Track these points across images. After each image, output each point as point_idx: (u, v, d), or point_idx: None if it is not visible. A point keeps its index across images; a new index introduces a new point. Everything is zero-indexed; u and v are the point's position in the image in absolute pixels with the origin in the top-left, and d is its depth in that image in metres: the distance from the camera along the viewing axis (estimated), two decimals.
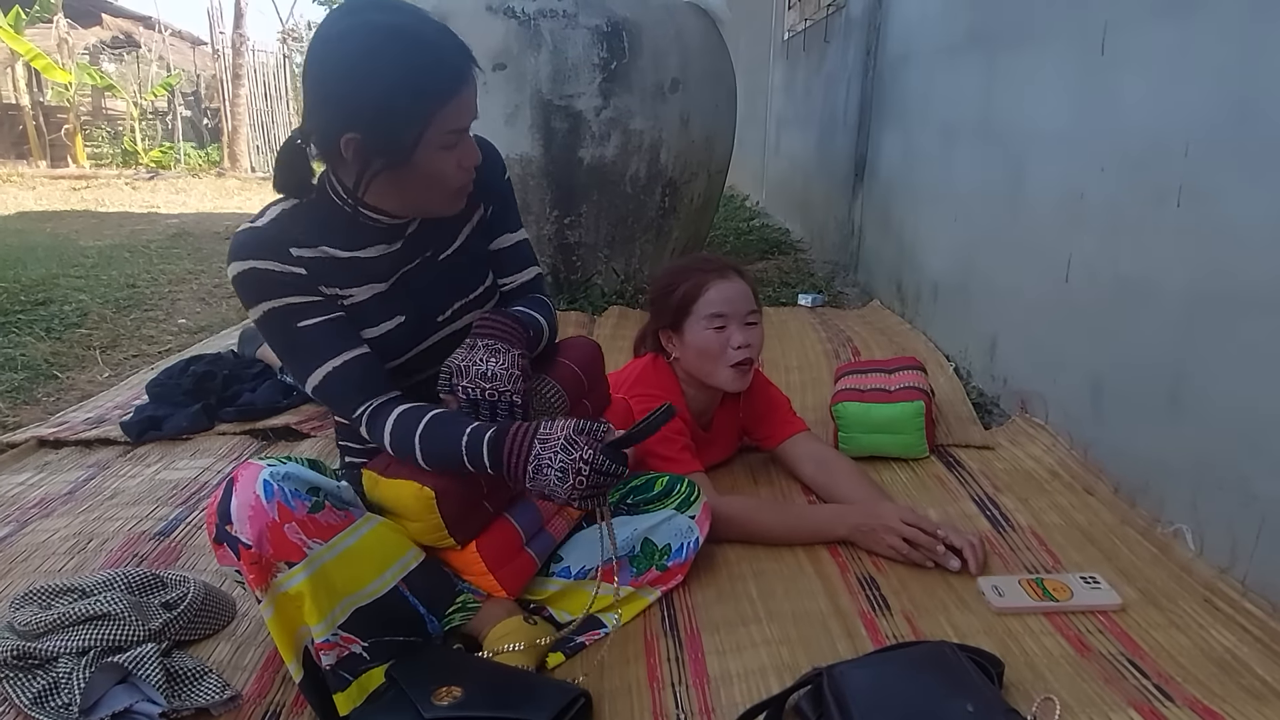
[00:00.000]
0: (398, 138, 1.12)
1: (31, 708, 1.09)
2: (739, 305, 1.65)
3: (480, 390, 1.17)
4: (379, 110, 1.10)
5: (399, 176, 1.16)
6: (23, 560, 1.51)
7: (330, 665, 1.06)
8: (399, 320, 1.25)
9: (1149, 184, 1.63)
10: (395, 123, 1.11)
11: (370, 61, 1.11)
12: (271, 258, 1.15)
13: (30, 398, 2.45)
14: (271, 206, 1.21)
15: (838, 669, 1.08)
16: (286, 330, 1.17)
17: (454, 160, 1.18)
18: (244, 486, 1.04)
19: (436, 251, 1.31)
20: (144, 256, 4.72)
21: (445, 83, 1.13)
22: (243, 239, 1.16)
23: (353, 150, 1.13)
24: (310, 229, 1.20)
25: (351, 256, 1.22)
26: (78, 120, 12.20)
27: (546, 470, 1.09)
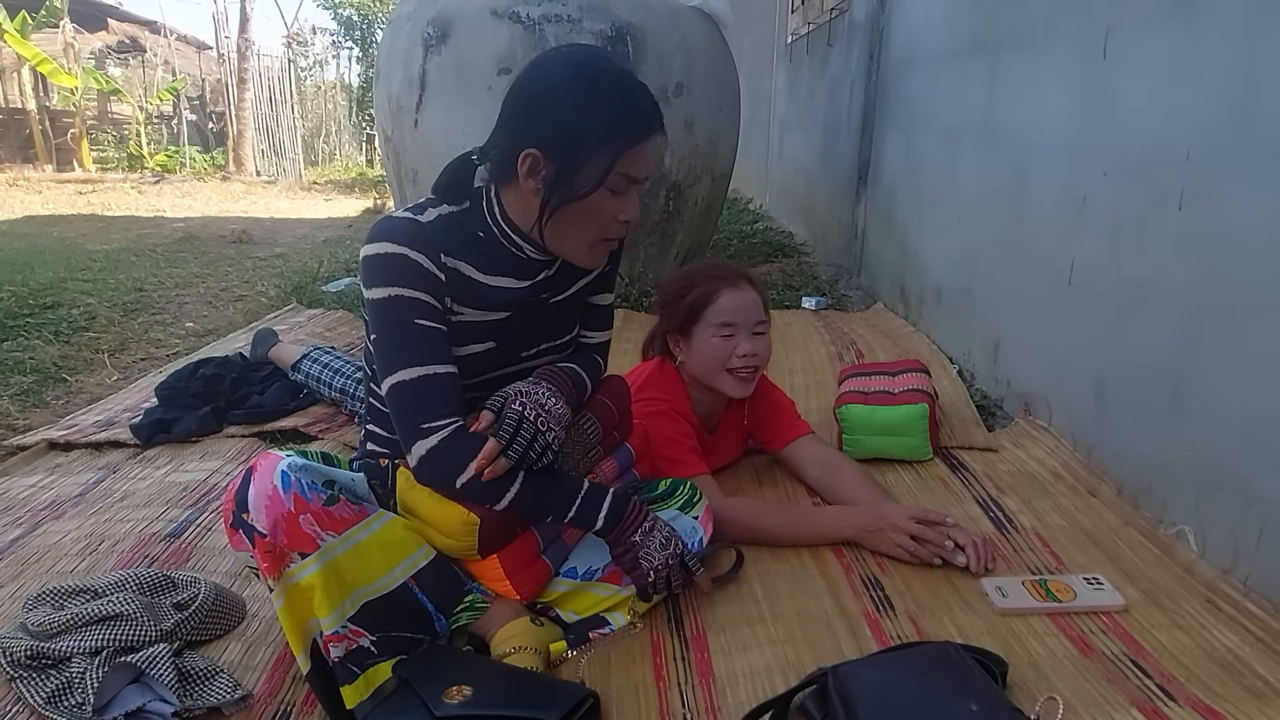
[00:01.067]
0: (579, 166, 1.17)
1: (45, 707, 1.10)
2: (748, 315, 1.66)
3: (535, 415, 1.19)
4: (570, 134, 1.17)
5: (565, 209, 1.21)
6: (35, 561, 1.52)
7: (338, 658, 1.07)
8: (489, 346, 1.30)
9: (1151, 188, 1.64)
10: (580, 151, 1.17)
11: (577, 89, 1.18)
12: (424, 252, 1.19)
13: (40, 400, 2.46)
14: (433, 207, 1.26)
15: (843, 668, 1.09)
16: (402, 321, 1.19)
17: (616, 208, 1.23)
18: (262, 476, 1.06)
19: (552, 295, 1.37)
20: (151, 260, 4.74)
21: (640, 127, 1.19)
22: (401, 225, 1.20)
23: (527, 167, 1.18)
24: (460, 243, 1.25)
25: (482, 282, 1.27)
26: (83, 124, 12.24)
27: (656, 533, 1.27)
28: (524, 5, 3.05)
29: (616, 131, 1.17)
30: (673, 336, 1.73)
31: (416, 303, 1.19)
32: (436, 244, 1.21)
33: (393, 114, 3.38)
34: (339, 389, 2.16)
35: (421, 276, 1.19)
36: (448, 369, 1.21)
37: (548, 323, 1.38)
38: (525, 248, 1.29)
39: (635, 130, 1.19)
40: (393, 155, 3.53)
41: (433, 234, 1.21)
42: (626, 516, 1.25)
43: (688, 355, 1.70)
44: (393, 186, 3.80)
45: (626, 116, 1.18)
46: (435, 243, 1.21)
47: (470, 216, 1.28)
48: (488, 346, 1.30)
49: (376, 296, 1.19)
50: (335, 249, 5.28)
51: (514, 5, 3.05)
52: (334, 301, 3.63)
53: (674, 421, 1.64)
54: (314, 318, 3.35)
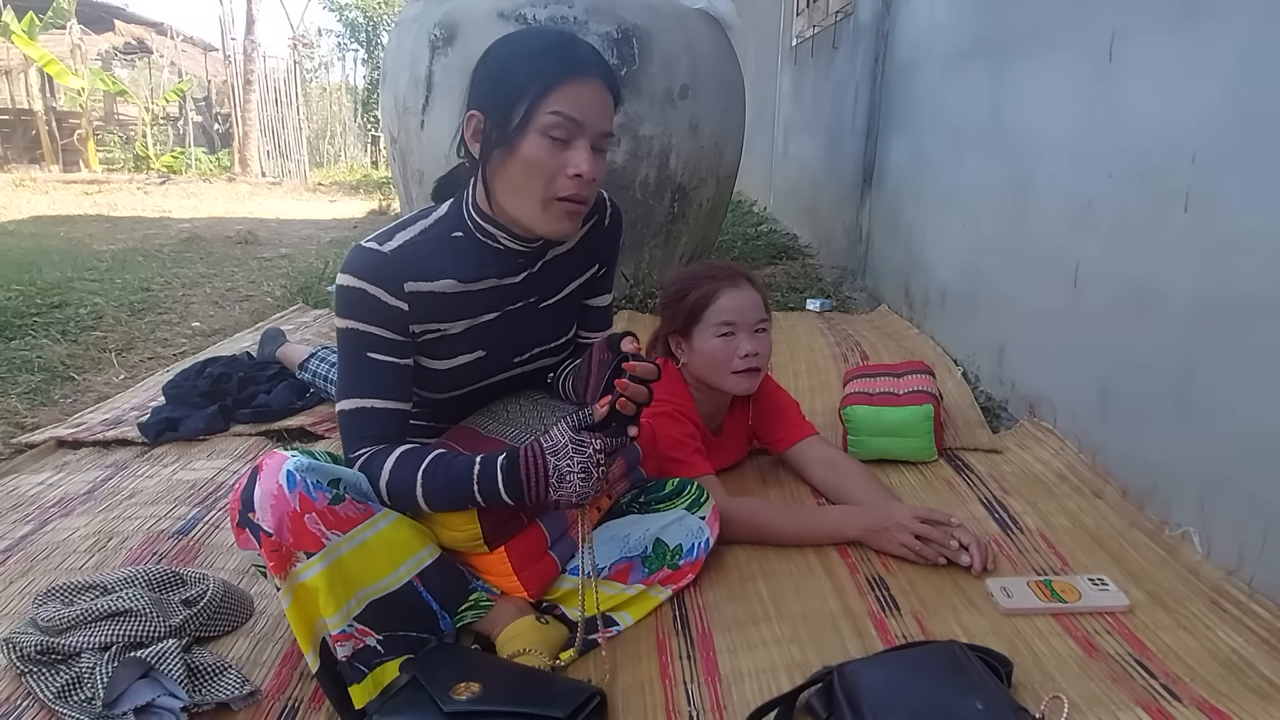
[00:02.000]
0: (508, 112, 1.17)
1: (55, 702, 1.11)
2: (749, 314, 1.67)
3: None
4: (495, 81, 1.18)
5: (505, 164, 1.19)
6: (44, 558, 1.53)
7: (346, 657, 1.07)
8: (479, 355, 1.30)
9: (1156, 190, 1.64)
10: (508, 96, 1.17)
11: (505, 46, 1.21)
12: (383, 286, 1.19)
13: (48, 399, 2.48)
14: (401, 230, 1.25)
15: (849, 667, 1.09)
16: (355, 351, 1.21)
17: (561, 160, 1.18)
18: (268, 475, 1.06)
19: (542, 298, 1.36)
20: (157, 260, 4.76)
21: (565, 63, 1.17)
22: (365, 258, 1.20)
23: (471, 129, 1.20)
24: (434, 259, 1.24)
25: (465, 290, 1.26)
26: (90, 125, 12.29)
27: (569, 476, 1.12)
28: (530, 7, 3.06)
29: (541, 69, 1.16)
30: (674, 338, 1.74)
31: (370, 337, 1.20)
32: (398, 273, 1.20)
33: (399, 115, 3.39)
34: None
35: (377, 310, 1.20)
36: (386, 404, 1.22)
37: (539, 328, 1.38)
38: (498, 235, 1.27)
39: (561, 66, 1.16)
40: (399, 157, 3.54)
41: (395, 264, 1.20)
42: (526, 481, 1.13)
43: (690, 357, 1.71)
44: (398, 188, 3.81)
45: (550, 52, 1.18)
46: (397, 272, 1.20)
47: (447, 220, 1.29)
48: (477, 356, 1.31)
49: (339, 326, 1.22)
50: (340, 250, 5.30)
51: (520, 7, 3.06)
52: None
53: (678, 423, 1.65)
54: (319, 318, 3.37)
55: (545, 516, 1.33)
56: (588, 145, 1.19)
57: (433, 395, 1.33)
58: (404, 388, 1.25)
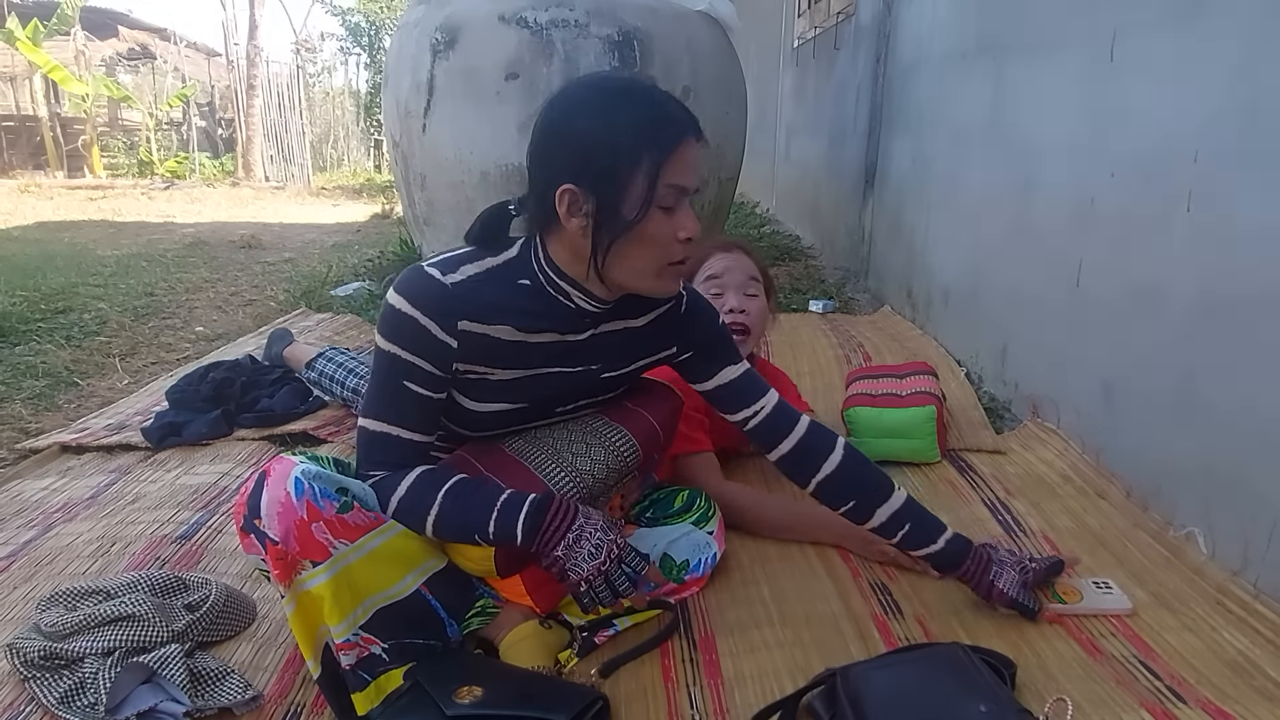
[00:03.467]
0: (621, 191, 1.10)
1: (59, 707, 1.11)
2: (735, 274, 1.71)
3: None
4: (603, 158, 1.09)
5: (622, 244, 1.13)
6: (48, 563, 1.54)
7: (350, 665, 1.07)
8: (521, 406, 1.26)
9: (1159, 189, 1.64)
10: (618, 173, 1.10)
11: (598, 111, 1.11)
12: (436, 320, 1.13)
13: (52, 404, 2.48)
14: (468, 263, 1.18)
15: (852, 669, 1.09)
16: (392, 376, 1.15)
17: (673, 227, 1.14)
18: (275, 482, 1.04)
19: (604, 368, 1.31)
20: (161, 265, 4.78)
21: (672, 131, 1.11)
22: (424, 285, 1.14)
23: (566, 205, 1.11)
24: (496, 302, 1.18)
25: (521, 340, 1.21)
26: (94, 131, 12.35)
27: (584, 542, 1.12)
28: (531, 11, 3.06)
29: (650, 141, 1.09)
30: None
31: (409, 366, 1.15)
32: (457, 309, 1.15)
33: (401, 119, 3.40)
34: (352, 388, 2.17)
35: (426, 344, 1.14)
36: (412, 435, 1.17)
37: (593, 389, 1.32)
38: (574, 295, 1.21)
39: (669, 135, 1.11)
40: (401, 160, 3.55)
41: (456, 298, 1.15)
42: (548, 526, 1.12)
43: None
44: (401, 191, 3.82)
45: (655, 123, 1.11)
46: (456, 308, 1.15)
47: (514, 266, 1.21)
48: (520, 406, 1.26)
49: (381, 345, 1.16)
50: (344, 253, 5.31)
51: (522, 11, 3.07)
52: (343, 306, 3.65)
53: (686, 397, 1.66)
54: (323, 321, 3.37)
55: None
56: (688, 205, 1.17)
57: (461, 430, 1.28)
58: (432, 421, 1.20)
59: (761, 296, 1.74)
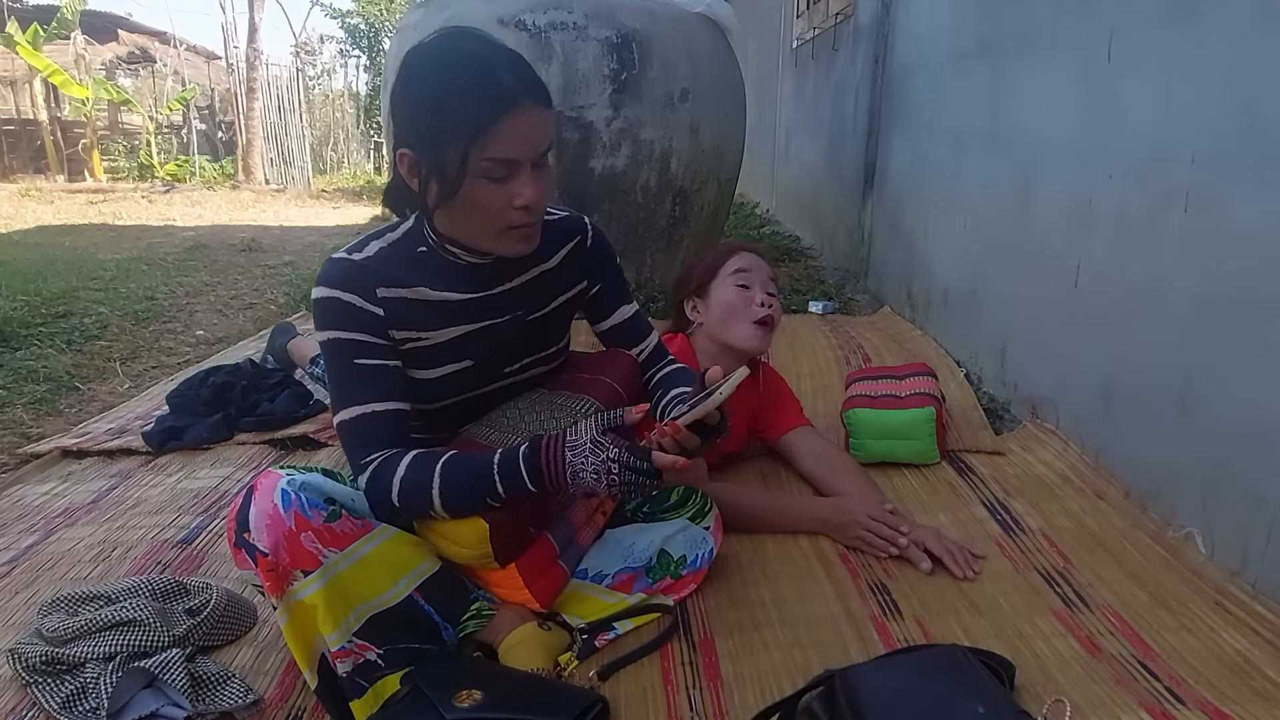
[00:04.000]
0: (442, 159, 1.13)
1: (60, 712, 1.12)
2: (760, 272, 1.75)
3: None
4: (426, 126, 1.14)
5: (449, 206, 1.18)
6: (49, 568, 1.54)
7: (346, 672, 1.07)
8: (465, 364, 1.30)
9: (1156, 190, 1.64)
10: (439, 142, 1.13)
11: (426, 80, 1.15)
12: (356, 292, 1.19)
13: (53, 409, 2.49)
14: (373, 240, 1.25)
15: (850, 670, 1.09)
16: (342, 361, 1.20)
17: (506, 195, 1.16)
18: (262, 495, 1.06)
19: (528, 312, 1.36)
20: (161, 269, 4.78)
21: (494, 106, 1.11)
22: (337, 268, 1.20)
23: (406, 166, 1.18)
24: (407, 268, 1.24)
25: (442, 299, 1.26)
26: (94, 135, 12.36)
27: (583, 474, 1.13)
28: (530, 13, 3.06)
29: (467, 115, 1.10)
30: (690, 300, 1.79)
31: (353, 343, 1.20)
32: (372, 280, 1.20)
33: None
34: None
35: (354, 316, 1.19)
36: (386, 406, 1.20)
37: (529, 339, 1.37)
38: (459, 254, 1.26)
39: (489, 110, 1.10)
40: None
41: (368, 270, 1.21)
42: (546, 467, 1.13)
43: (705, 314, 1.75)
44: None
45: (477, 96, 1.10)
46: (370, 279, 1.20)
47: (412, 235, 1.28)
48: (464, 365, 1.30)
49: (321, 339, 1.21)
50: None
51: (520, 13, 3.07)
52: None
53: None
54: None
55: (553, 528, 1.33)
56: (529, 172, 1.17)
57: (425, 406, 1.31)
58: (399, 387, 1.23)
59: (779, 300, 1.78)
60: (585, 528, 1.40)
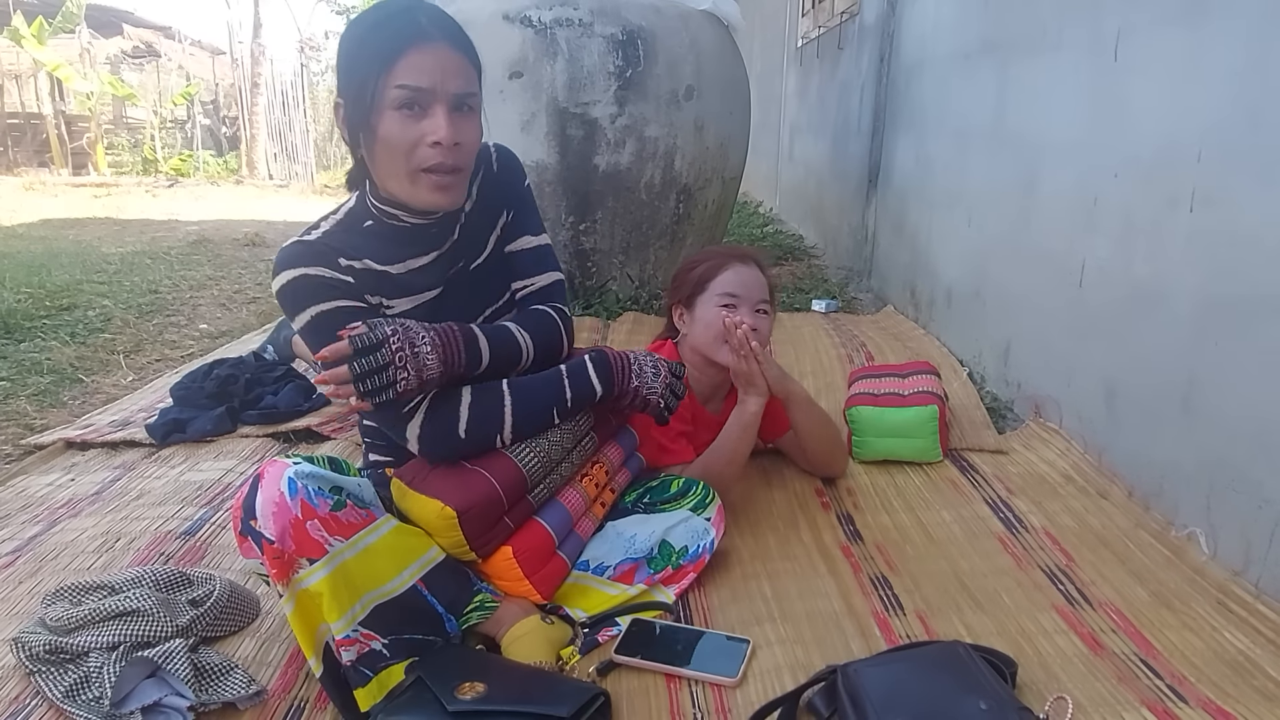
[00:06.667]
0: (359, 95, 1.17)
1: (64, 701, 1.12)
2: (752, 291, 1.69)
3: (398, 348, 1.15)
4: (345, 65, 1.19)
5: (371, 147, 1.21)
6: (53, 558, 1.54)
7: (351, 661, 1.07)
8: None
9: (1162, 189, 1.64)
10: (355, 78, 1.17)
11: (352, 28, 1.21)
12: (321, 264, 1.22)
13: (57, 401, 2.49)
14: (319, 224, 1.29)
15: (852, 667, 1.09)
16: (329, 334, 1.18)
17: (417, 130, 1.18)
18: (269, 483, 1.06)
19: (469, 261, 1.37)
20: (165, 263, 4.78)
21: (399, 37, 1.16)
22: (292, 250, 1.23)
23: (340, 117, 1.22)
24: (355, 242, 1.27)
25: (389, 271, 1.28)
26: (99, 129, 12.36)
27: (647, 370, 1.39)
28: (535, 9, 3.07)
29: (380, 45, 1.16)
30: (678, 308, 1.77)
31: (336, 311, 1.21)
32: (330, 253, 1.24)
33: None
34: None
35: (327, 285, 1.22)
36: None
37: (480, 289, 1.38)
38: (400, 216, 1.28)
39: (397, 38, 1.15)
40: None
41: (323, 246, 1.24)
42: (615, 370, 1.36)
43: (690, 326, 1.73)
44: None
45: (389, 30, 1.16)
46: (328, 252, 1.23)
47: (356, 211, 1.31)
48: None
49: (301, 322, 1.22)
50: None
51: (525, 9, 3.07)
52: None
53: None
54: None
55: (548, 516, 1.33)
56: (444, 110, 1.18)
57: None
58: None
59: (771, 314, 1.74)
60: (584, 519, 1.40)
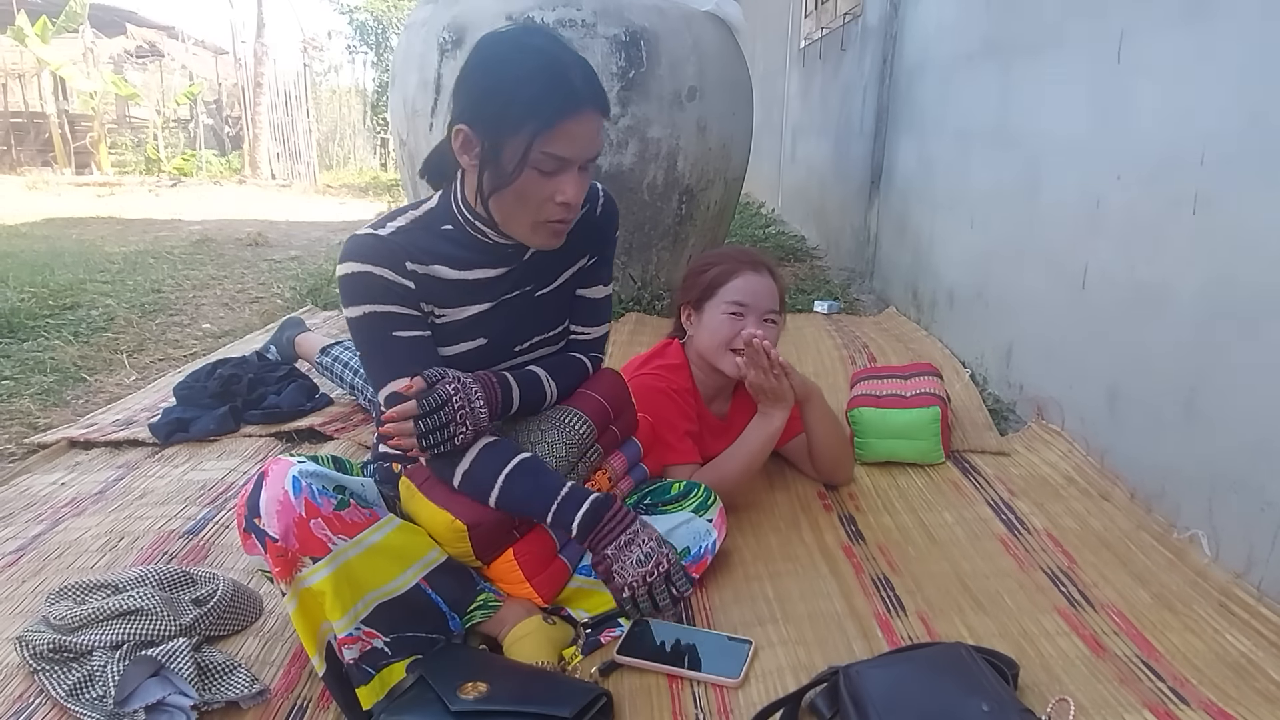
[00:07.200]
0: (503, 144, 1.16)
1: (67, 699, 1.12)
2: (761, 300, 1.68)
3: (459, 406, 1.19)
4: (494, 110, 1.16)
5: (501, 191, 1.20)
6: (56, 557, 1.55)
7: (353, 659, 1.08)
8: (480, 343, 1.32)
9: (1165, 192, 1.64)
10: (503, 128, 1.16)
11: (501, 66, 1.18)
12: (387, 266, 1.21)
13: (60, 400, 2.50)
14: (393, 219, 1.28)
15: (854, 668, 1.10)
16: (379, 335, 1.22)
17: (550, 189, 1.19)
18: (274, 481, 1.07)
19: (536, 287, 1.37)
20: (168, 262, 4.79)
21: (562, 105, 1.15)
22: (363, 243, 1.22)
23: (460, 142, 1.20)
24: (427, 246, 1.26)
25: (459, 279, 1.28)
26: (102, 128, 12.36)
27: (635, 548, 1.21)
28: (538, 10, 3.07)
29: (537, 109, 1.14)
30: (686, 308, 1.76)
31: (390, 316, 1.22)
32: (400, 254, 1.23)
33: (408, 118, 3.41)
34: (365, 377, 2.18)
35: (389, 289, 1.22)
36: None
37: (537, 316, 1.39)
38: (487, 233, 1.29)
39: (557, 107, 1.15)
40: (408, 159, 3.55)
41: (395, 245, 1.23)
42: (603, 524, 1.21)
43: (696, 329, 1.73)
44: (407, 190, 3.83)
45: (549, 93, 1.15)
46: (398, 253, 1.23)
47: (437, 213, 1.30)
48: (478, 343, 1.32)
49: (353, 315, 1.23)
50: None
51: (529, 10, 3.07)
52: None
53: (674, 403, 1.67)
54: (329, 319, 3.39)
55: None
56: (575, 173, 1.20)
57: None
58: (433, 359, 1.27)
59: (780, 323, 1.73)
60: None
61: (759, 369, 1.56)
